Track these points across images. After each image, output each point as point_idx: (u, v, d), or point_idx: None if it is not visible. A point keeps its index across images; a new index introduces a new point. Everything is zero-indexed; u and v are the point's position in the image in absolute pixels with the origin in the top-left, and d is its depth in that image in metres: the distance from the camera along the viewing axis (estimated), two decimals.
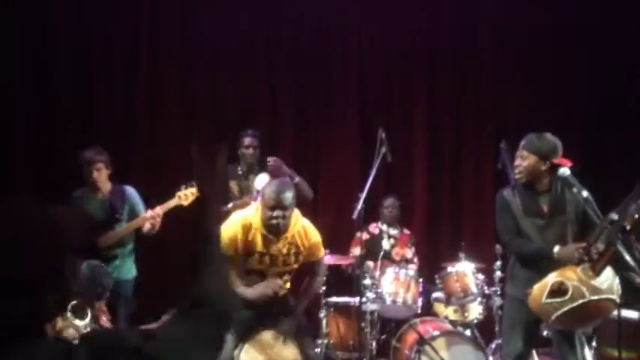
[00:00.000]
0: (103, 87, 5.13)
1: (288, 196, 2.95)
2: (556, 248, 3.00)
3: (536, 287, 2.94)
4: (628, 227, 2.83)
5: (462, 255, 4.69)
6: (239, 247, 2.98)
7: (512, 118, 5.48)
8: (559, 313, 2.86)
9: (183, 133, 5.15)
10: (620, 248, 2.77)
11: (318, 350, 4.29)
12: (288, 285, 3.25)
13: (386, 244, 4.99)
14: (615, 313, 3.00)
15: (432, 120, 5.67)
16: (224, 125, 5.11)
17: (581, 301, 2.82)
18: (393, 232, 5.04)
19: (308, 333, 3.22)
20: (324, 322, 4.29)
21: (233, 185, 4.29)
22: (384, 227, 5.04)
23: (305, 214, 3.58)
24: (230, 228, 2.97)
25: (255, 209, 3.07)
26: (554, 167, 3.08)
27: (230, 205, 4.05)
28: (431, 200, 5.60)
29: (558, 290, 2.87)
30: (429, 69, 5.67)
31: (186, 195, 3.87)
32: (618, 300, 2.93)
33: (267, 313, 3.07)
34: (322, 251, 3.27)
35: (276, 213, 2.91)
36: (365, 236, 4.89)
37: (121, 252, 4.00)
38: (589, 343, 4.59)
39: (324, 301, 4.29)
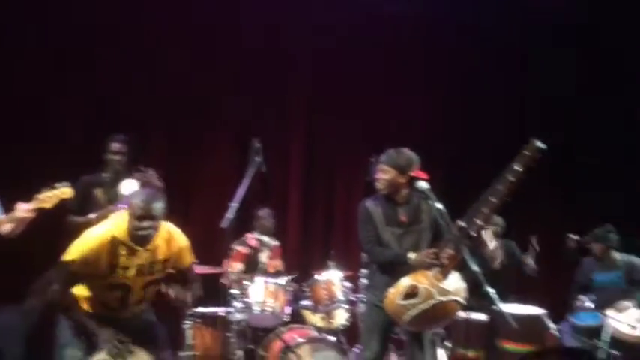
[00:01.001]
0: None
1: (158, 206, 2.84)
2: (411, 254, 3.22)
3: (392, 290, 3.16)
4: (473, 234, 3.12)
5: (331, 263, 4.85)
6: (102, 265, 2.81)
7: (387, 133, 5.79)
8: (412, 313, 3.09)
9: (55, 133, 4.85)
10: (465, 254, 3.05)
11: None
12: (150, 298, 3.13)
13: (263, 256, 5.02)
14: (463, 315, 3.28)
15: (309, 131, 5.82)
16: (97, 128, 4.86)
17: (431, 302, 3.07)
18: (270, 243, 5.08)
19: (164, 344, 3.12)
20: (189, 333, 4.21)
21: (99, 193, 4.07)
22: (264, 238, 5.04)
23: (176, 223, 3.51)
24: (92, 246, 2.79)
25: (119, 219, 2.93)
26: (412, 180, 3.33)
27: (94, 216, 3.86)
28: (303, 212, 5.73)
29: (411, 293, 3.10)
30: (309, 83, 5.81)
31: (49, 197, 3.60)
32: (464, 301, 3.21)
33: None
34: (192, 257, 3.19)
35: (145, 224, 2.79)
36: (245, 250, 4.91)
37: None
38: (443, 344, 4.97)
39: (189, 312, 4.21)
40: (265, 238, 5.04)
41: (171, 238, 2.99)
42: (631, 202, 5.57)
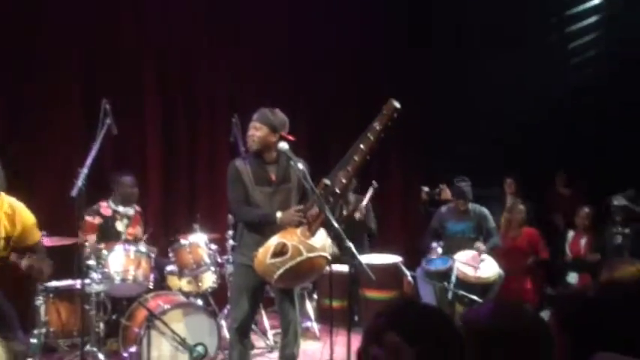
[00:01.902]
0: None
1: None
2: (278, 214, 3.24)
3: (261, 250, 3.16)
4: (338, 191, 3.21)
5: (196, 227, 4.75)
6: None
7: (244, 94, 5.68)
8: (281, 271, 3.11)
9: None
10: (327, 211, 3.13)
11: (35, 341, 3.90)
12: None
13: (120, 225, 4.71)
14: (328, 268, 3.37)
15: (163, 95, 5.52)
16: None
17: (299, 259, 3.12)
18: (130, 212, 4.77)
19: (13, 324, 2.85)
20: (42, 309, 3.90)
21: None
22: (120, 208, 4.73)
23: (21, 193, 3.19)
24: None
25: None
26: (281, 140, 3.34)
27: None
28: (165, 175, 5.49)
29: (280, 251, 3.13)
30: (165, 37, 5.49)
31: None
32: (329, 257, 3.31)
33: None
34: (39, 233, 2.92)
35: None
36: (97, 220, 4.57)
37: None
38: (310, 297, 5.15)
39: (41, 287, 3.89)
40: (121, 208, 4.72)
41: (14, 213, 2.75)
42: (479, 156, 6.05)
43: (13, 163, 3.68)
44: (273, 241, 3.16)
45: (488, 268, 4.87)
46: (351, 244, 2.99)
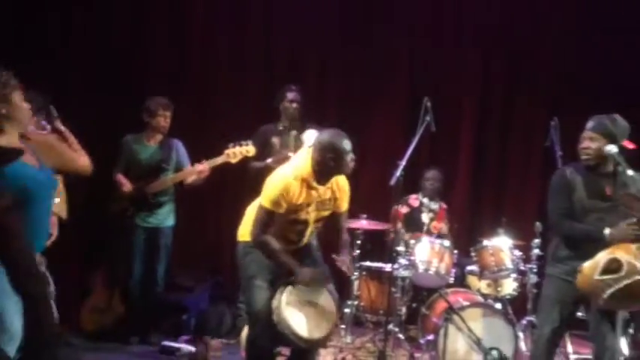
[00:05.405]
0: (155, 37, 5.22)
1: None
2: (606, 230, 2.92)
3: (587, 265, 2.86)
4: None
5: (501, 230, 4.65)
6: (294, 204, 2.96)
7: (564, 96, 5.31)
8: (612, 290, 2.76)
9: (234, 88, 5.25)
10: None
11: (348, 311, 4.39)
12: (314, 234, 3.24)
13: (425, 217, 4.99)
14: None
15: (481, 93, 5.56)
16: (274, 80, 5.14)
17: (636, 277, 2.73)
18: (434, 205, 5.02)
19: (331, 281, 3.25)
20: (355, 284, 4.36)
21: (275, 140, 4.31)
22: (425, 200, 5.01)
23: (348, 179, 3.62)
24: (284, 187, 2.93)
25: (300, 161, 3.04)
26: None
27: (270, 160, 4.12)
28: (474, 174, 5.53)
29: (612, 268, 2.80)
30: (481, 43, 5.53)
31: (235, 153, 3.96)
32: None
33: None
34: (347, 204, 3.24)
35: (349, 157, 2.96)
36: (405, 209, 4.93)
37: (164, 200, 4.19)
38: (625, 329, 4.52)
39: (357, 265, 4.35)
40: (426, 201, 4.98)
41: (337, 180, 3.10)
42: None
43: None
44: (604, 256, 2.81)
45: None
46: None
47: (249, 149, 3.98)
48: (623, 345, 4.40)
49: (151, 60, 5.20)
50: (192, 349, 4.03)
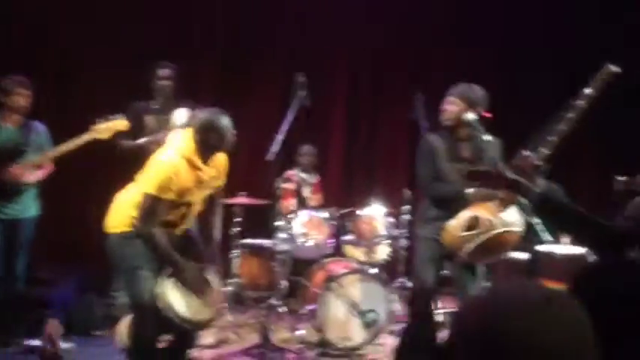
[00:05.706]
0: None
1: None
2: (468, 190, 3.14)
3: (452, 223, 3.11)
4: (538, 163, 3.03)
5: (373, 200, 4.89)
6: (183, 187, 2.88)
7: (427, 69, 5.65)
8: (473, 245, 3.05)
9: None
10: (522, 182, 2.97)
11: (229, 289, 4.38)
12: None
13: (305, 191, 5.09)
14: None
15: (352, 69, 5.74)
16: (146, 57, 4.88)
17: (493, 233, 3.02)
18: (310, 179, 5.14)
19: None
20: (235, 262, 4.36)
21: (150, 120, 4.09)
22: (303, 175, 5.10)
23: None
24: (170, 172, 2.83)
25: (181, 141, 2.95)
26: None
27: (144, 140, 3.93)
28: (347, 148, 5.73)
29: (472, 225, 3.08)
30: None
31: (103, 128, 3.70)
32: (522, 233, 3.17)
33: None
34: (224, 180, 3.23)
35: (232, 131, 2.92)
36: (291, 186, 4.99)
37: (25, 188, 3.84)
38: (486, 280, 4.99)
39: (237, 242, 4.34)
40: (304, 176, 5.10)
41: (217, 157, 3.07)
42: None
43: None
44: (465, 215, 3.10)
45: None
46: (538, 221, 2.83)
47: (121, 122, 3.73)
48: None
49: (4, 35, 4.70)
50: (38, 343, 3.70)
